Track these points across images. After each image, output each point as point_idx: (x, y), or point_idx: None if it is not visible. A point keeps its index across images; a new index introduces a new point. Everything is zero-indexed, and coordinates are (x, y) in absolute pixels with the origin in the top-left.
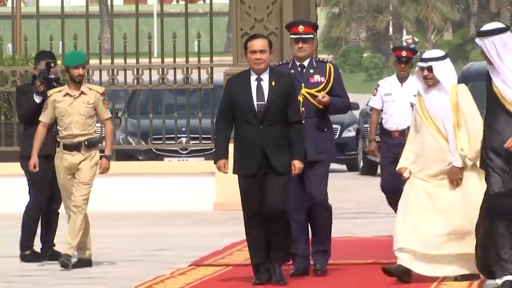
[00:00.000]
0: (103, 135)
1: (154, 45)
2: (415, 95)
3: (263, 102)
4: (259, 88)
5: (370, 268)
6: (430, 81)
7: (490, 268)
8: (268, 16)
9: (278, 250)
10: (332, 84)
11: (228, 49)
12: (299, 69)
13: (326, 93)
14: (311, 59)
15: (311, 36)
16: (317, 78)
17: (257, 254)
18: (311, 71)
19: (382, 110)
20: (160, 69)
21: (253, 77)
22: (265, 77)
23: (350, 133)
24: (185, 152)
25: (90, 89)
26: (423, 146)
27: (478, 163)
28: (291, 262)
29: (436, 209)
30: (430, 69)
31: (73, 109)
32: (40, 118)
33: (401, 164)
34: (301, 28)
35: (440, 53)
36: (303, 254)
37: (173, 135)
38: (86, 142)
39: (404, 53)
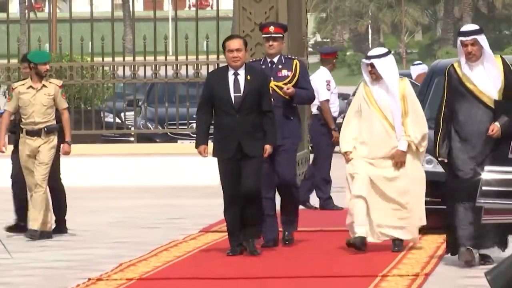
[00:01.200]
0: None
1: (169, 45)
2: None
3: (240, 94)
4: (236, 81)
5: (337, 235)
6: (374, 76)
7: (455, 246)
8: (266, 20)
9: (252, 226)
10: (298, 78)
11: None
12: (269, 64)
13: (293, 86)
14: (280, 56)
15: (281, 35)
16: (284, 72)
17: (233, 228)
18: (280, 66)
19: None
20: (174, 65)
21: (231, 72)
22: (242, 72)
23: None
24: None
25: (50, 82)
26: (371, 132)
27: (421, 148)
28: (261, 238)
29: (382, 190)
30: (372, 65)
31: (35, 100)
32: (6, 108)
33: (346, 148)
34: (271, 28)
35: (382, 50)
36: (272, 227)
37: (185, 121)
38: (45, 129)
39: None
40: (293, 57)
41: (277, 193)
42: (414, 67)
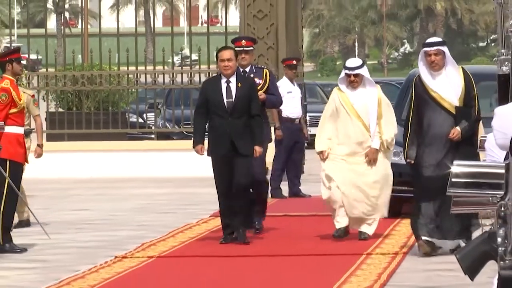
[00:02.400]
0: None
1: (185, 56)
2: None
3: (232, 99)
4: (228, 88)
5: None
6: (355, 84)
7: (417, 236)
8: (267, 35)
9: (243, 216)
10: (268, 85)
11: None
12: (242, 74)
13: (264, 92)
14: (251, 66)
15: (251, 48)
16: (256, 80)
17: (226, 219)
18: (252, 75)
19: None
20: (189, 74)
21: (223, 80)
22: (233, 79)
23: None
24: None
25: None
26: (347, 132)
27: (391, 147)
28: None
29: (356, 183)
30: (356, 75)
31: None
32: None
33: (321, 148)
34: (243, 42)
35: (360, 61)
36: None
37: None
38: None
39: (294, 62)
40: (263, 66)
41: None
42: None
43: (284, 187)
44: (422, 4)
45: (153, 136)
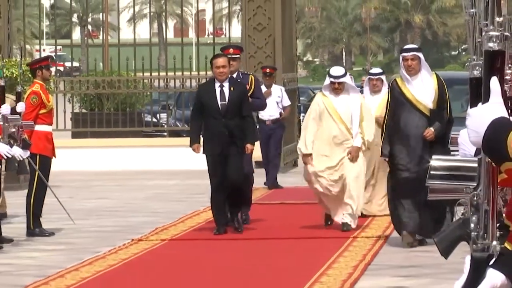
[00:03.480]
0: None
1: (193, 63)
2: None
3: (225, 102)
4: (222, 92)
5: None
6: (339, 91)
7: (398, 228)
8: (266, 45)
9: (238, 206)
10: (254, 90)
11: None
12: (234, 79)
13: (250, 96)
14: (238, 72)
15: (238, 56)
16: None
17: (218, 212)
18: (238, 80)
19: None
20: (197, 79)
21: (217, 84)
22: (226, 84)
23: None
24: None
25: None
26: (330, 133)
27: (371, 147)
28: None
29: (339, 178)
30: (340, 83)
31: None
32: None
33: (306, 151)
34: (231, 50)
35: (343, 69)
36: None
37: None
38: None
39: (268, 70)
40: (249, 73)
41: None
42: None
43: (262, 178)
44: (402, 17)
45: (165, 134)
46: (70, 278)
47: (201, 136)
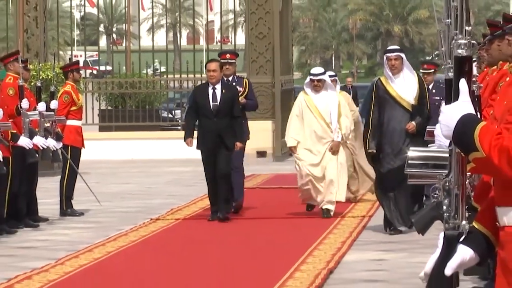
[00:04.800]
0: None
1: (203, 67)
2: None
3: (217, 103)
4: (214, 94)
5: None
6: (319, 88)
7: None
8: (266, 51)
9: (225, 198)
10: (247, 92)
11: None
12: (226, 82)
13: (244, 98)
14: (234, 76)
15: (234, 61)
16: (237, 88)
17: (213, 201)
18: (234, 83)
19: None
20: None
21: (210, 87)
22: (218, 86)
23: None
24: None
25: None
26: (312, 129)
27: (348, 141)
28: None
29: (320, 171)
30: (320, 80)
31: None
32: None
33: (291, 143)
34: (228, 56)
35: (322, 69)
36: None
37: None
38: None
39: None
40: (243, 76)
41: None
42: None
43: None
44: (383, 27)
45: (179, 127)
46: (97, 252)
47: (195, 131)
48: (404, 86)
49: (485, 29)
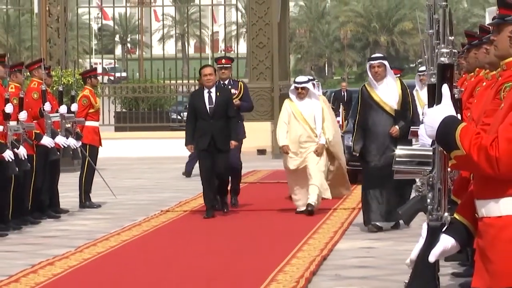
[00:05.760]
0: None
1: None
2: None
3: (212, 106)
4: (210, 97)
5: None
6: (302, 95)
7: (367, 220)
8: (265, 59)
9: (224, 192)
10: (243, 94)
11: (246, 74)
12: (222, 85)
13: (239, 100)
14: (230, 79)
15: (229, 65)
16: (233, 91)
17: (208, 198)
18: (229, 86)
19: None
20: None
21: (206, 91)
22: (213, 90)
23: None
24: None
25: None
26: (297, 134)
27: (331, 144)
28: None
29: (305, 172)
30: (303, 88)
31: None
32: None
33: (283, 143)
34: (223, 61)
35: (306, 77)
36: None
37: None
38: None
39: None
40: (238, 80)
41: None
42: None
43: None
44: (371, 38)
45: None
46: (113, 241)
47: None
48: (387, 92)
49: (464, 39)
